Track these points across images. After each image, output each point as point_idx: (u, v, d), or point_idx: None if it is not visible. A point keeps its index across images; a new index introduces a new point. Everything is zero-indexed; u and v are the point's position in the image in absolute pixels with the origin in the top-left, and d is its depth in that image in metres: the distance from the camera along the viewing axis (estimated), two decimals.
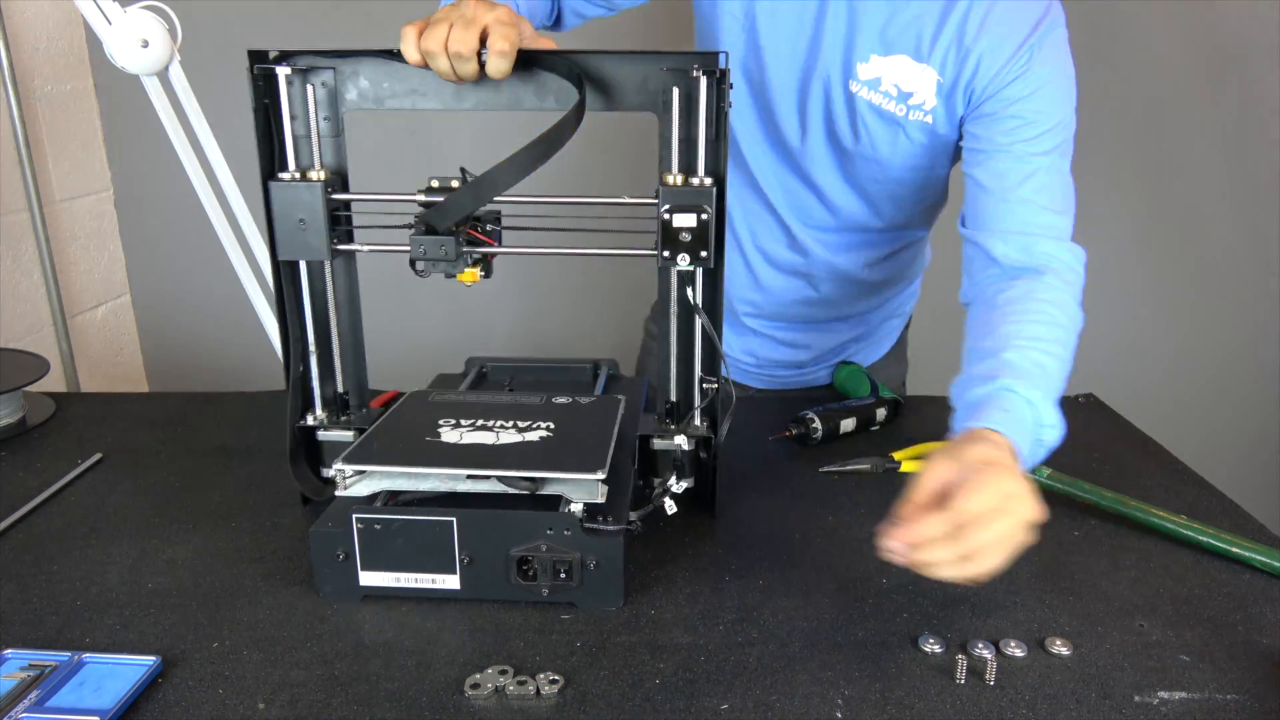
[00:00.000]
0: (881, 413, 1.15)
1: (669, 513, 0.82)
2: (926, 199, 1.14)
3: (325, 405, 0.94)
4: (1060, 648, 0.72)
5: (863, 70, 1.00)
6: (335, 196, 0.87)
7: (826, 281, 1.20)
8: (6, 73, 1.73)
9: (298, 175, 0.86)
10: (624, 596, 0.77)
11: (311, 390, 0.94)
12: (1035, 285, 0.92)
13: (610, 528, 0.76)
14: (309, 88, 0.85)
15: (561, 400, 0.94)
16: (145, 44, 1.09)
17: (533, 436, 0.84)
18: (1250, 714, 0.66)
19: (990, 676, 0.69)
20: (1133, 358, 2.16)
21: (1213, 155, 2.02)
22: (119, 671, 0.67)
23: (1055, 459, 1.03)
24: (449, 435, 0.84)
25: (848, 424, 1.12)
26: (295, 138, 0.86)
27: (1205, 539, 0.87)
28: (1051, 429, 0.83)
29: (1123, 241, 2.10)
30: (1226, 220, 2.07)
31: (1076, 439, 1.13)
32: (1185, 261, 2.10)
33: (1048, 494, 0.97)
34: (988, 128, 0.98)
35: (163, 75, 1.13)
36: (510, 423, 0.87)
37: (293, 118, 0.85)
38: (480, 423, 0.87)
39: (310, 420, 0.94)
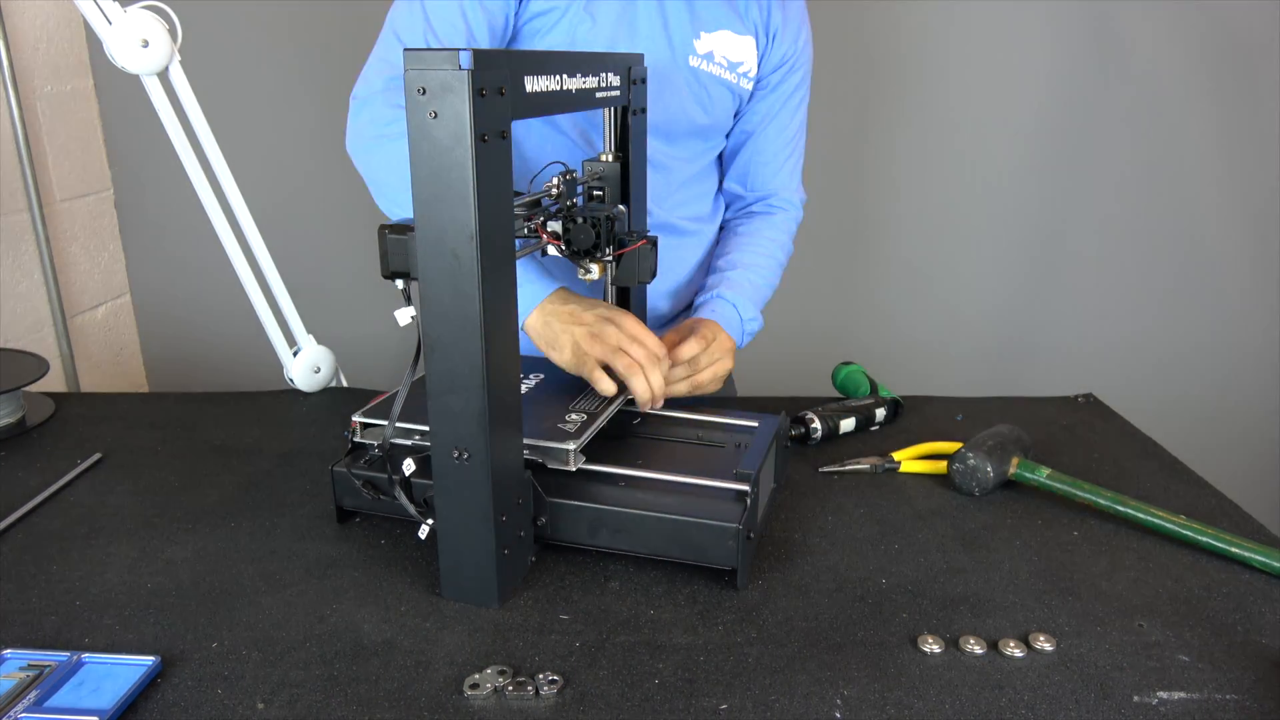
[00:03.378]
0: (881, 413, 1.15)
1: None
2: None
3: None
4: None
5: (699, 46, 1.10)
6: None
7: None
8: (6, 73, 1.73)
9: None
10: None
11: None
12: (764, 224, 1.24)
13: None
14: None
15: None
16: (145, 44, 1.09)
17: None
18: (1250, 714, 0.66)
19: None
20: (1133, 358, 2.16)
21: (1213, 155, 2.02)
22: (118, 671, 0.67)
23: (1055, 459, 1.04)
24: None
25: (848, 424, 1.12)
26: None
27: (1205, 539, 0.87)
28: (753, 321, 1.15)
29: (1123, 241, 2.10)
30: (1227, 220, 2.07)
31: (1076, 439, 1.13)
32: (1186, 261, 2.10)
33: (1048, 494, 0.97)
34: (770, 94, 1.18)
35: (163, 75, 1.13)
36: None
37: None
38: None
39: None
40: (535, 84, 0.76)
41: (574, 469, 0.84)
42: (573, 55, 0.85)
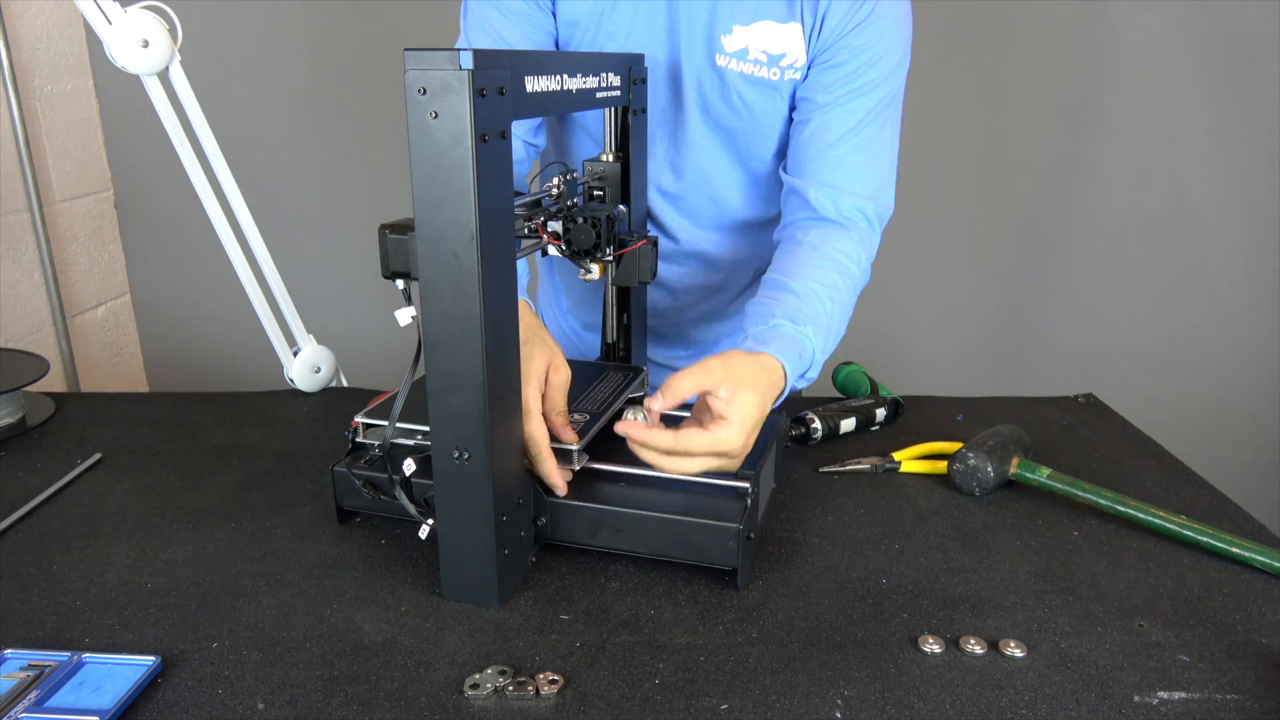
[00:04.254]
0: (881, 413, 1.15)
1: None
2: None
3: None
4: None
5: (728, 43, 1.01)
6: None
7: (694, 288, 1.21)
8: (6, 73, 1.73)
9: None
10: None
11: None
12: (835, 235, 1.02)
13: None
14: None
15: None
16: (145, 44, 1.09)
17: None
18: (1250, 714, 0.66)
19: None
20: (1133, 358, 2.16)
21: (1213, 155, 2.02)
22: (118, 671, 0.67)
23: (1055, 459, 1.04)
24: None
25: (848, 424, 1.12)
26: None
27: (1205, 539, 0.87)
28: (816, 367, 0.94)
29: (1123, 241, 2.10)
30: (1227, 220, 2.07)
31: (1077, 439, 1.13)
32: (1186, 261, 2.10)
33: (1048, 494, 0.97)
34: (823, 76, 1.02)
35: (163, 75, 1.13)
36: None
37: None
38: None
39: None
40: (535, 84, 0.76)
41: (577, 468, 0.84)
42: (573, 55, 0.85)
